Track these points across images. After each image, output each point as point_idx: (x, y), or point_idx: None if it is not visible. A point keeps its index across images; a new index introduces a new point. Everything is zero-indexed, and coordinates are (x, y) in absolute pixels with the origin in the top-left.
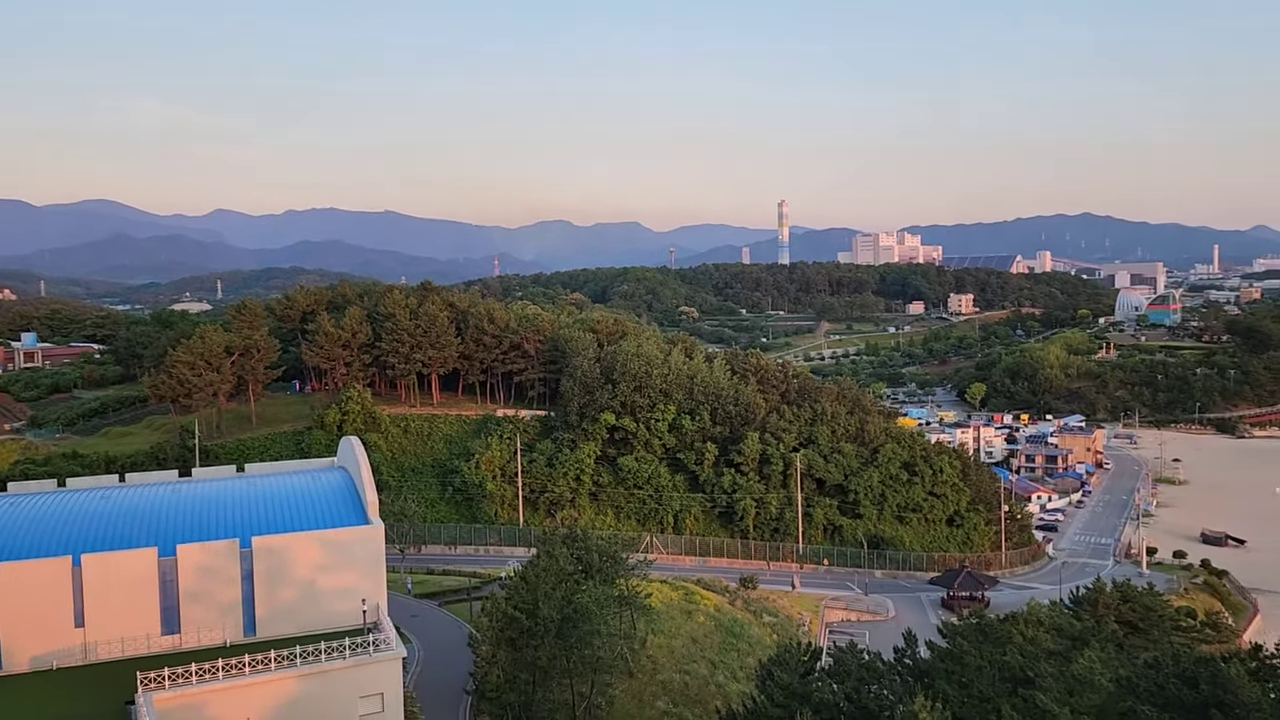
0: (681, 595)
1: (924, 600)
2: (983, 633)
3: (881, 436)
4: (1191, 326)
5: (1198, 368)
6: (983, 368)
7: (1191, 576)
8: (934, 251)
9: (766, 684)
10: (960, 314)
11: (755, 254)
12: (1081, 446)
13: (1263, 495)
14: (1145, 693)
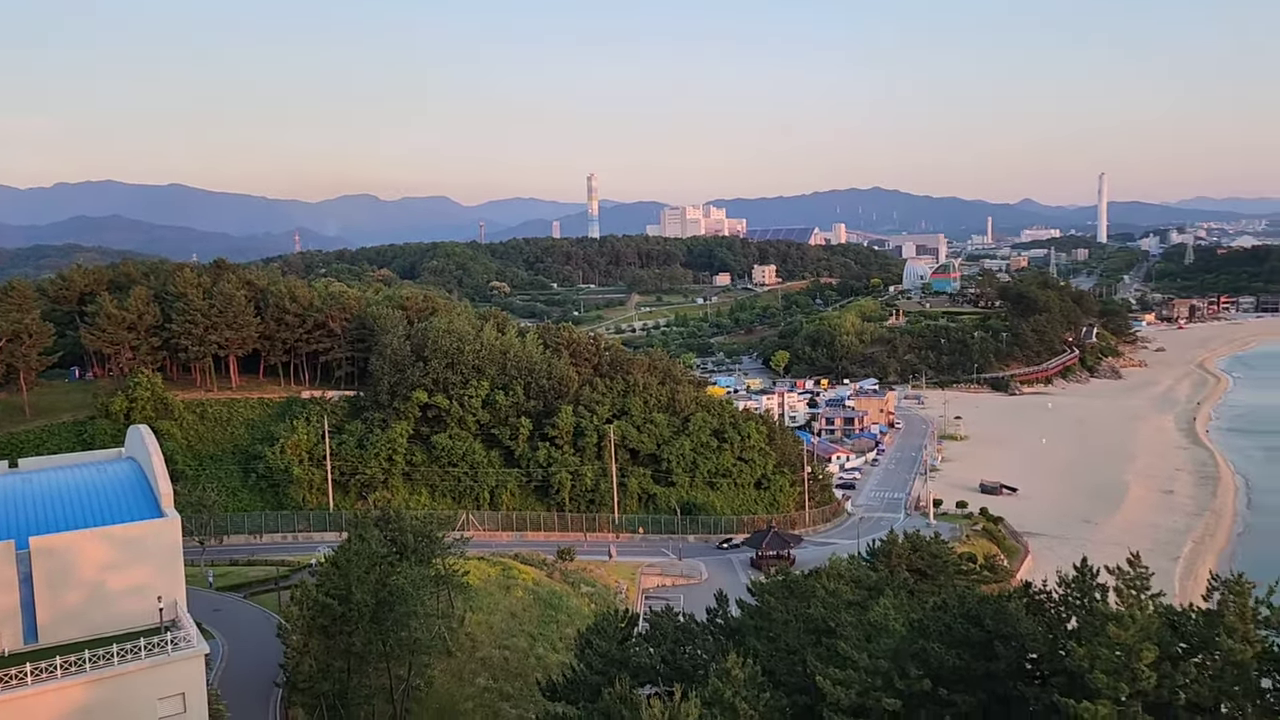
0: (499, 571)
1: (735, 561)
2: (789, 589)
3: (692, 405)
4: (969, 293)
5: (975, 331)
6: (786, 336)
7: (972, 524)
8: (738, 224)
9: (585, 653)
10: (764, 285)
11: (566, 228)
12: (876, 408)
13: (1032, 447)
14: (935, 633)
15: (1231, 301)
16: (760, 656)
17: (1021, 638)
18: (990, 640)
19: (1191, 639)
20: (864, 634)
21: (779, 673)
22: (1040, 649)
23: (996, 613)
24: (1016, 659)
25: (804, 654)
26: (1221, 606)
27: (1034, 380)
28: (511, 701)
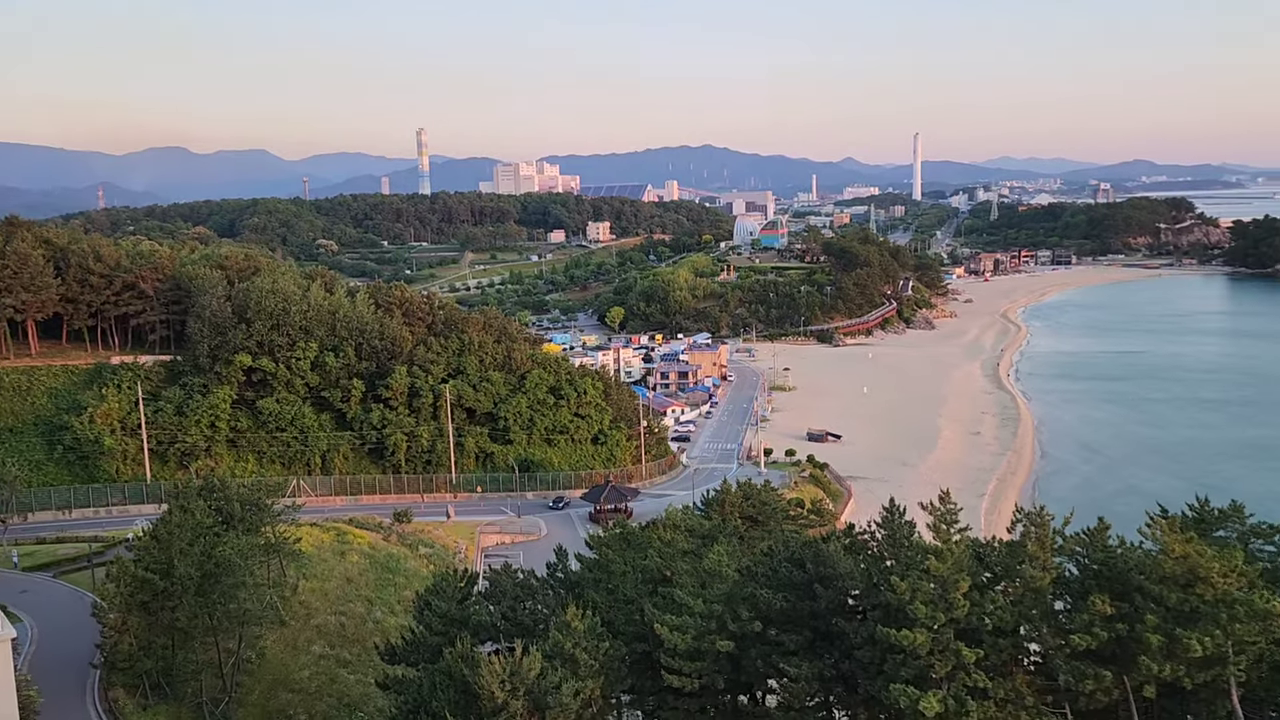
0: (333, 536)
1: (574, 516)
2: (626, 541)
3: (528, 363)
4: (796, 249)
5: (802, 286)
6: (620, 292)
7: (800, 471)
8: (572, 181)
9: (424, 614)
10: (598, 241)
11: (395, 184)
12: (709, 362)
13: (855, 395)
14: (763, 577)
15: (1031, 255)
16: (599, 608)
17: (842, 577)
18: (811, 582)
19: (996, 568)
20: (699, 581)
21: (618, 622)
22: (860, 586)
23: (817, 555)
24: (838, 597)
25: (642, 603)
26: (1024, 537)
27: (856, 332)
28: (349, 668)
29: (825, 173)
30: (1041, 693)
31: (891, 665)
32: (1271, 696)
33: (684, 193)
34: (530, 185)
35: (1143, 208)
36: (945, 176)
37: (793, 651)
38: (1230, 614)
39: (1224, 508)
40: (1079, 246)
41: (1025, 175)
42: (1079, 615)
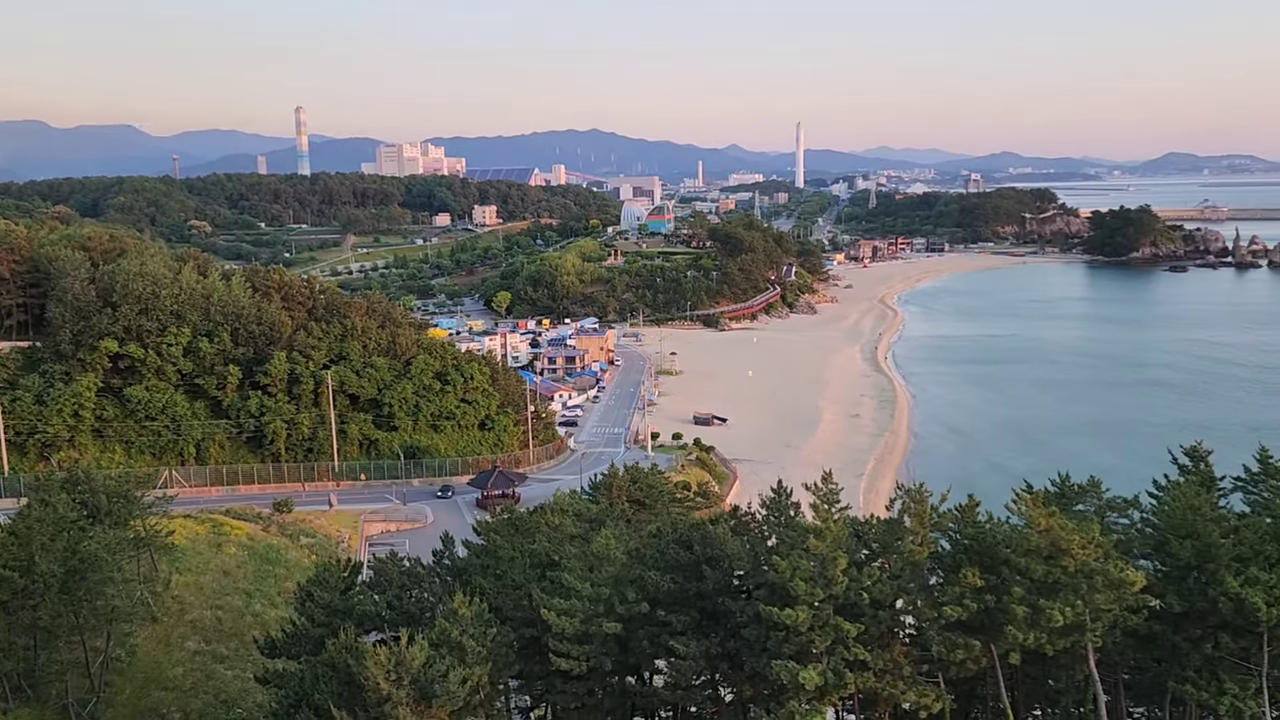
0: (209, 528)
1: (461, 503)
2: (514, 526)
3: (413, 348)
4: (682, 234)
5: (688, 271)
6: (507, 277)
7: (686, 454)
8: (458, 164)
9: (306, 605)
10: (485, 225)
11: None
12: (596, 346)
13: (740, 379)
14: (651, 559)
15: (907, 242)
16: (487, 594)
17: (728, 557)
18: (698, 563)
19: (874, 545)
20: (587, 565)
21: (506, 608)
22: (745, 566)
23: (704, 537)
24: (724, 577)
25: (530, 588)
26: (902, 514)
27: (741, 316)
28: (227, 663)
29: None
30: (917, 663)
31: (774, 642)
32: (1124, 660)
33: (571, 177)
34: (415, 167)
35: (1010, 198)
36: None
37: (680, 631)
38: (1089, 584)
39: (1083, 483)
40: (951, 234)
41: (902, 165)
42: (951, 588)
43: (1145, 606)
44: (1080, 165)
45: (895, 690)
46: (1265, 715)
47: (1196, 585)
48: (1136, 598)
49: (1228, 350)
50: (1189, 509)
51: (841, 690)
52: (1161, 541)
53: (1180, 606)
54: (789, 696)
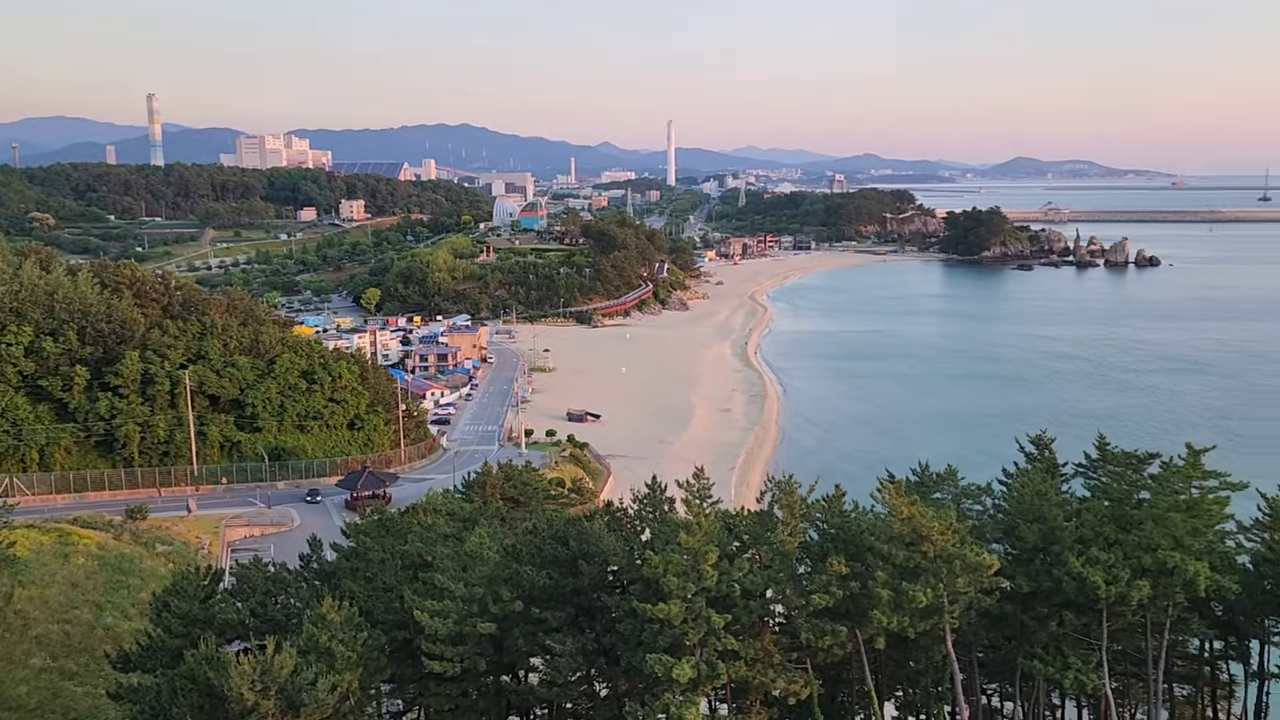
0: (55, 538)
1: (329, 505)
2: (385, 527)
3: (278, 347)
4: (555, 231)
5: (561, 268)
6: (376, 273)
7: (560, 451)
8: (323, 156)
9: (162, 616)
10: (353, 220)
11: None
12: (469, 344)
13: (613, 375)
14: (526, 556)
15: (775, 240)
16: (357, 598)
17: (603, 553)
18: (574, 559)
19: (744, 537)
20: (460, 564)
21: (377, 611)
22: (620, 561)
23: (579, 532)
24: (599, 573)
25: (401, 590)
26: (771, 506)
27: (614, 313)
28: (76, 680)
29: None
30: (786, 650)
31: (648, 636)
32: (978, 639)
33: (442, 172)
34: (277, 159)
35: (872, 198)
36: (697, 164)
37: (556, 628)
38: (948, 568)
39: (941, 472)
40: (817, 233)
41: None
42: (818, 576)
43: (997, 588)
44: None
45: (766, 678)
46: (1105, 686)
47: (1043, 566)
48: (990, 580)
49: (1067, 345)
50: (1036, 494)
51: (714, 681)
52: (1011, 526)
53: (1029, 587)
54: (663, 689)
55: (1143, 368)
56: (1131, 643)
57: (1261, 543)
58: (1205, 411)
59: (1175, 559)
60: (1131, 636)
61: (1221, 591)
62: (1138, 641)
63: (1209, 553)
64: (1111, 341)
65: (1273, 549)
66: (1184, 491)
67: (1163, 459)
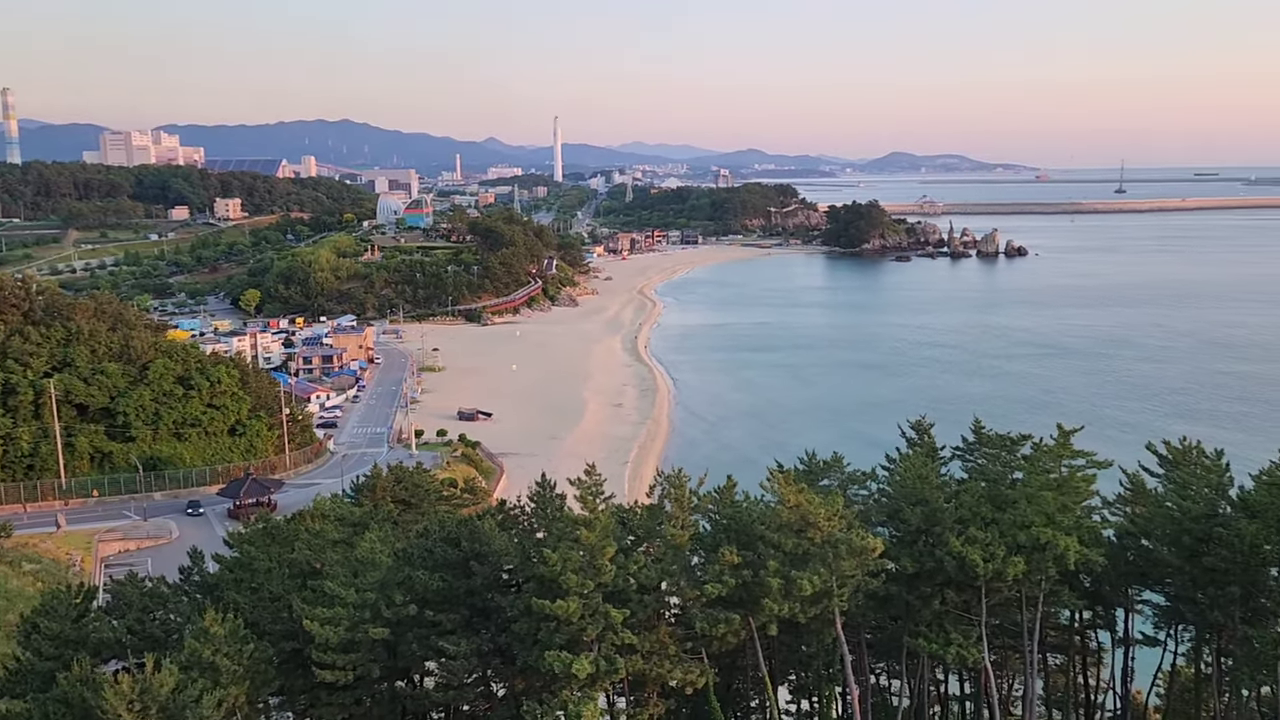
0: None
1: (211, 515)
2: (270, 535)
3: (151, 352)
4: (442, 229)
5: (448, 266)
6: (256, 274)
7: (452, 451)
8: (195, 153)
9: (32, 638)
10: (229, 219)
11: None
12: (355, 345)
13: (504, 373)
14: (418, 560)
15: (663, 235)
16: (242, 609)
17: (497, 553)
18: (467, 560)
19: (639, 531)
20: (351, 570)
21: (264, 622)
22: (514, 560)
23: (472, 533)
24: (493, 573)
25: (290, 599)
26: (663, 500)
27: (503, 310)
28: None
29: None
30: (682, 641)
31: (546, 634)
32: (865, 621)
33: (323, 169)
34: (145, 157)
35: (756, 193)
36: (584, 159)
37: (450, 630)
38: (835, 553)
39: (828, 459)
40: (704, 227)
41: (656, 160)
42: (711, 567)
43: (883, 570)
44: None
45: (663, 670)
46: (984, 659)
47: (925, 547)
48: (876, 562)
49: (944, 333)
50: (917, 478)
51: (613, 675)
52: (895, 509)
53: (913, 568)
54: (561, 686)
55: (1015, 353)
56: (1008, 616)
57: (1124, 516)
58: (1072, 394)
59: (1047, 535)
60: (1008, 610)
61: (1089, 564)
62: (1014, 615)
63: (1078, 528)
64: (985, 329)
65: (1134, 522)
66: (1054, 470)
67: (1034, 440)
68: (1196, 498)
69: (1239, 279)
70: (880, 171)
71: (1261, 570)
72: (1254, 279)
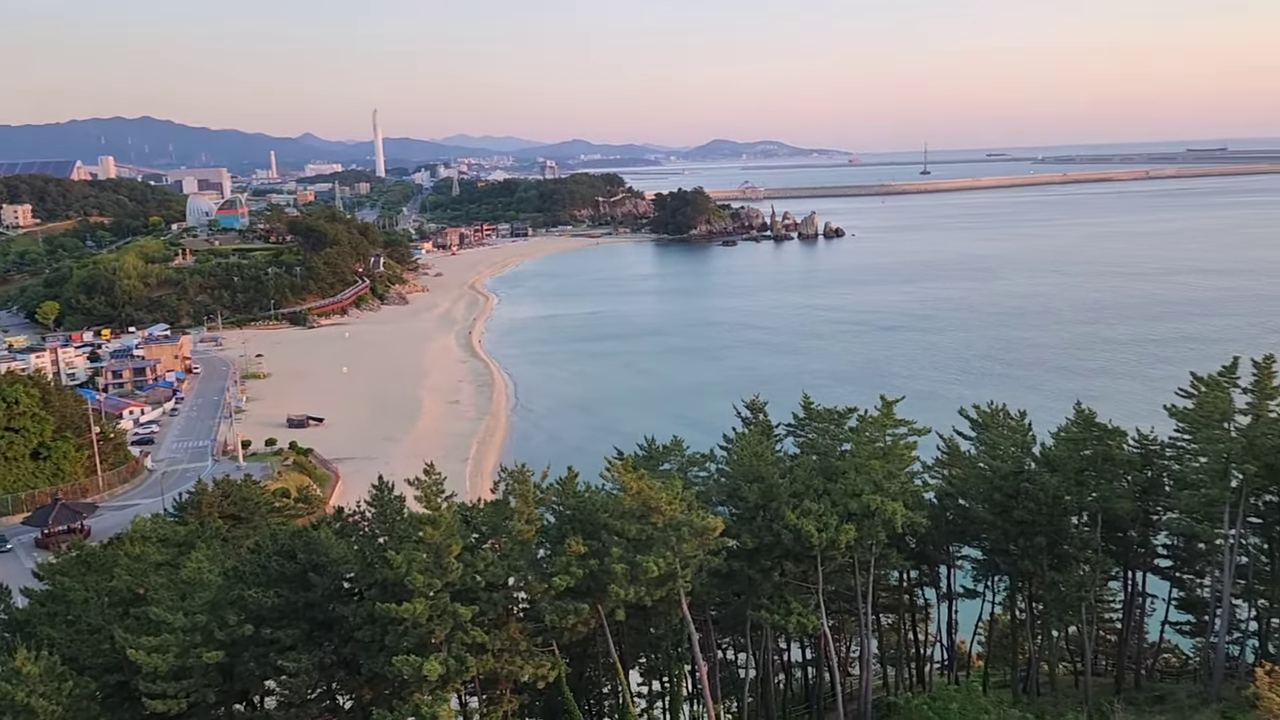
0: None
1: (17, 547)
2: (85, 564)
3: None
4: (260, 229)
5: (269, 268)
6: (53, 284)
7: (283, 460)
8: None
9: None
10: (18, 226)
11: None
12: (170, 355)
13: (334, 376)
14: (252, 577)
15: (492, 229)
16: (58, 645)
17: (336, 561)
18: (304, 572)
19: (483, 528)
20: (178, 593)
21: (83, 657)
22: (355, 568)
23: (309, 543)
24: (333, 582)
25: (111, 630)
26: (507, 495)
27: (330, 312)
28: None
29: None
30: (532, 635)
31: (393, 638)
32: (710, 598)
33: (123, 170)
34: None
35: (584, 183)
36: (407, 154)
37: (290, 646)
38: (677, 535)
39: (667, 444)
40: (533, 219)
41: (481, 153)
42: (558, 559)
43: (724, 548)
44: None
45: (514, 666)
46: (823, 625)
47: (763, 522)
48: (717, 541)
49: (770, 314)
50: (754, 456)
51: (464, 675)
52: (734, 488)
53: (752, 543)
54: (411, 691)
55: (837, 331)
56: (843, 582)
57: (943, 479)
58: (893, 366)
59: (876, 501)
60: (843, 577)
61: (914, 526)
62: (848, 580)
63: (903, 493)
64: (809, 308)
65: (951, 483)
66: (879, 440)
67: (860, 412)
68: (1005, 456)
69: (1030, 251)
70: (703, 159)
71: (1064, 519)
72: (1044, 250)
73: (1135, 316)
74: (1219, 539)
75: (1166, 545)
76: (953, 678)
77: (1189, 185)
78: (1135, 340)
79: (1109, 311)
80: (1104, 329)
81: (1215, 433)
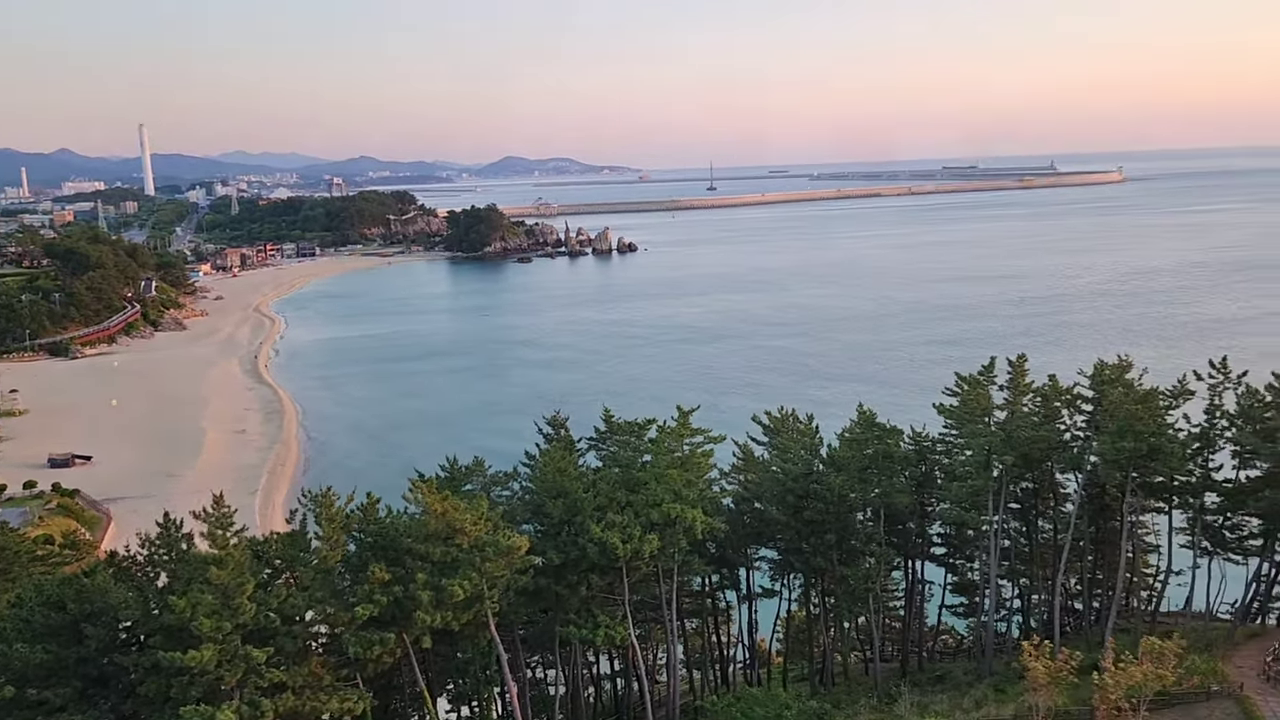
0: None
1: None
2: None
3: None
4: (11, 253)
5: (23, 294)
6: None
7: (45, 504)
8: None
9: None
10: None
11: None
12: None
13: (103, 410)
14: (13, 632)
15: (277, 248)
16: None
17: (112, 609)
18: (76, 622)
19: (277, 561)
20: None
21: None
22: (134, 614)
23: (79, 592)
24: (109, 633)
25: None
26: (304, 524)
27: (96, 340)
28: None
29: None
30: (335, 669)
31: (179, 689)
32: (518, 617)
33: None
34: None
35: (373, 200)
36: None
37: (61, 708)
38: (483, 555)
39: (469, 464)
40: (321, 238)
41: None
42: (360, 587)
43: (530, 566)
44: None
45: (317, 702)
46: (630, 635)
47: (569, 537)
48: (523, 559)
49: (557, 334)
50: (557, 471)
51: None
52: (539, 505)
53: (559, 559)
54: None
55: (632, 345)
56: (648, 591)
57: (739, 484)
58: (688, 377)
59: (676, 510)
60: (648, 586)
61: (714, 532)
62: (653, 589)
63: (702, 500)
64: (603, 324)
65: (747, 488)
66: (678, 449)
67: (658, 423)
68: (795, 459)
69: (813, 263)
70: (495, 176)
71: (850, 516)
72: (826, 262)
73: (909, 323)
74: (984, 525)
75: (940, 534)
76: (755, 676)
77: (947, 200)
78: (907, 344)
79: (886, 320)
80: (882, 335)
81: (978, 427)
